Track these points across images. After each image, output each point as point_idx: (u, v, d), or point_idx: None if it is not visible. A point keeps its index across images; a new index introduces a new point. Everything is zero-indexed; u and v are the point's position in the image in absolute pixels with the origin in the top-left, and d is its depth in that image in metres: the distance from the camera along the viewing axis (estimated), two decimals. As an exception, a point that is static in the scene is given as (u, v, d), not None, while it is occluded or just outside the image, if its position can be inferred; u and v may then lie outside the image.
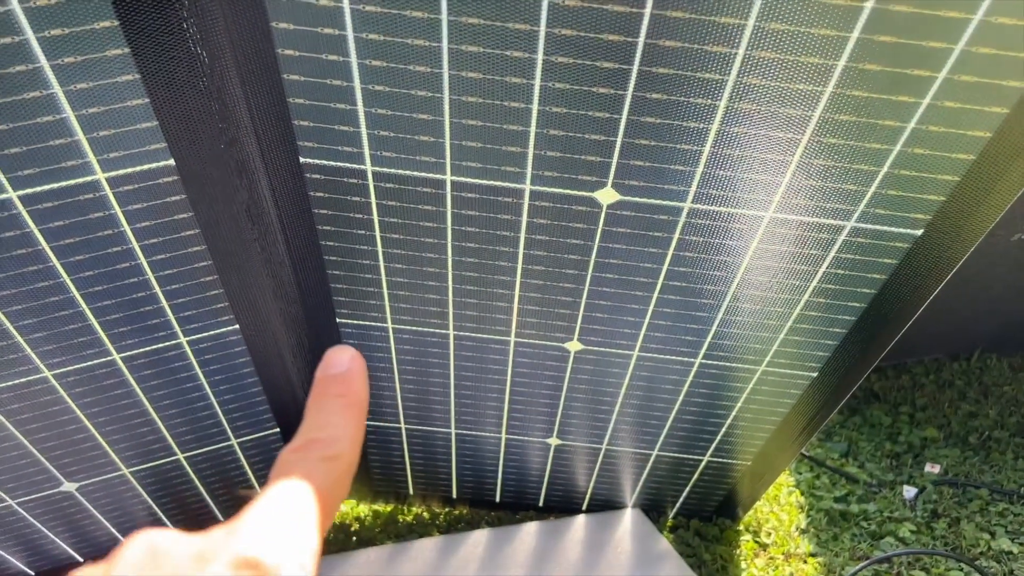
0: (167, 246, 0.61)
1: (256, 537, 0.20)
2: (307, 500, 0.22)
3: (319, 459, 0.23)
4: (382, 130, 0.53)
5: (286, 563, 0.20)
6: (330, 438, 0.24)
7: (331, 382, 0.25)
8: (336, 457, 0.23)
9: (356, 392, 0.25)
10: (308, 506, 0.22)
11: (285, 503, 0.22)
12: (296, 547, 0.21)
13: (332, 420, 0.24)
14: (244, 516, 0.21)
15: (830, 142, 0.50)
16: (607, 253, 0.61)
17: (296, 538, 0.21)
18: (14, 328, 0.62)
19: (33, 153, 0.51)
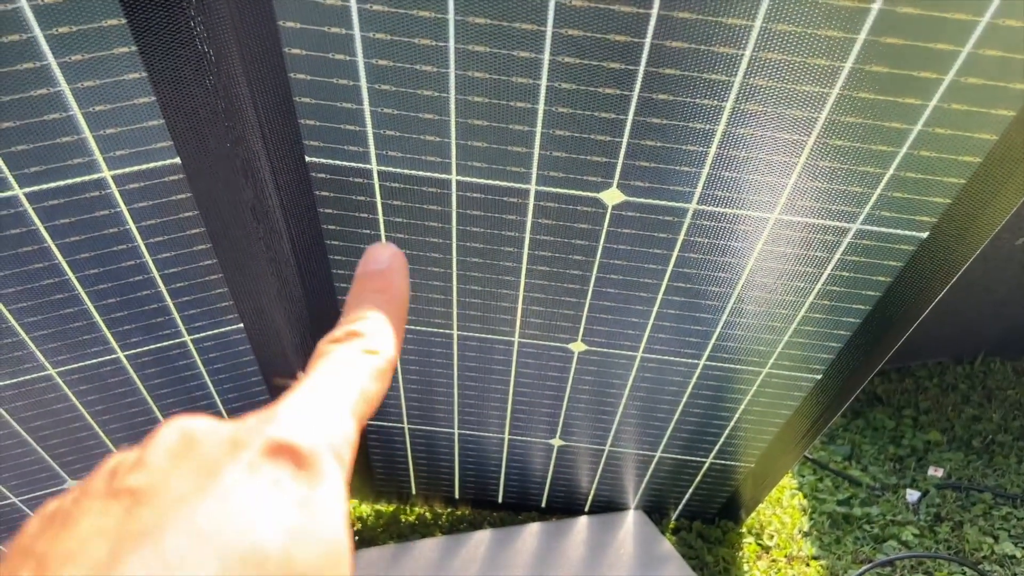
0: (172, 244, 0.61)
1: (291, 423, 0.20)
2: (345, 389, 0.22)
3: (359, 351, 0.23)
4: (388, 129, 0.53)
5: (322, 450, 0.20)
6: (370, 331, 0.23)
7: (371, 277, 0.24)
8: (376, 351, 0.23)
9: (397, 287, 0.24)
10: (346, 395, 0.22)
11: (322, 391, 0.22)
12: (332, 434, 0.21)
13: (372, 315, 0.24)
14: (280, 404, 0.21)
15: (836, 144, 0.50)
16: (612, 254, 0.61)
17: (333, 426, 0.21)
18: (19, 325, 0.62)
19: (40, 151, 0.51)
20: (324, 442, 0.20)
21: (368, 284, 0.26)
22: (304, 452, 0.20)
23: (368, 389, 0.23)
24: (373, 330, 0.24)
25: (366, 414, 0.23)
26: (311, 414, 0.21)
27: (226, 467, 0.19)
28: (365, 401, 0.23)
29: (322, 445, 0.20)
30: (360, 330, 0.24)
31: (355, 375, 0.23)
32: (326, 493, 0.20)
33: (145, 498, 0.18)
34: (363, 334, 0.24)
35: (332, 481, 0.20)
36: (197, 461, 0.19)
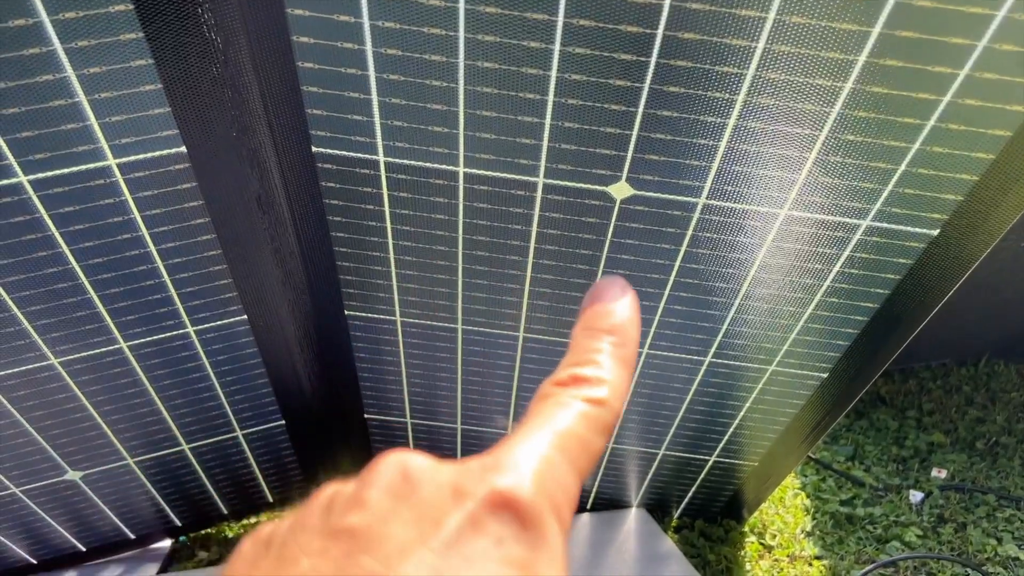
0: (177, 234, 0.60)
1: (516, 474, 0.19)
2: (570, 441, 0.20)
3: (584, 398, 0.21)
4: (396, 120, 0.52)
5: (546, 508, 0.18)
6: (597, 378, 0.21)
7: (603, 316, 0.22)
8: (602, 402, 0.21)
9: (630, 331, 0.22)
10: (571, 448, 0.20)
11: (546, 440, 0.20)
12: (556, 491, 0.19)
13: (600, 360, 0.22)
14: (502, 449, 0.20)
15: (848, 139, 0.49)
16: (619, 249, 0.61)
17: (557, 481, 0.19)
18: (22, 314, 0.61)
19: (45, 137, 0.50)
20: (548, 500, 0.19)
21: (599, 323, 0.24)
22: (529, 510, 0.19)
23: (592, 443, 0.22)
24: (599, 378, 0.23)
25: (587, 471, 0.21)
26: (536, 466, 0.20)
27: (449, 517, 0.18)
28: (588, 456, 0.21)
29: (546, 503, 0.19)
30: (588, 375, 0.23)
31: (581, 427, 0.21)
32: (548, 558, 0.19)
33: (365, 542, 0.18)
34: (591, 381, 0.22)
35: (554, 544, 0.19)
36: (418, 507, 0.19)
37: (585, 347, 0.23)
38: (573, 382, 0.22)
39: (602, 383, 0.22)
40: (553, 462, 0.20)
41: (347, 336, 0.75)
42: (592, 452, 0.21)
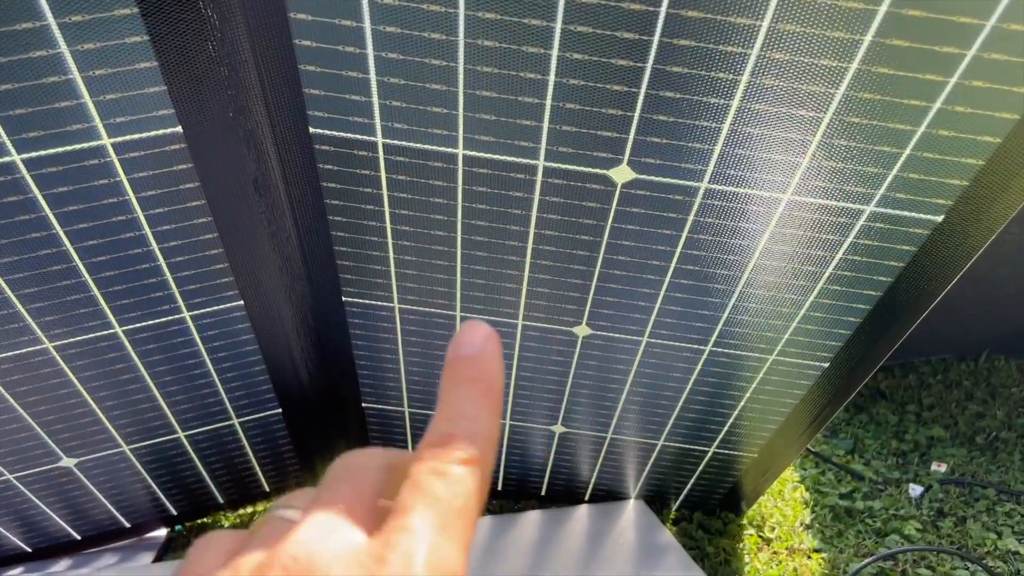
0: (172, 216, 0.60)
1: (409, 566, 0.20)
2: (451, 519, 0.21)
3: (460, 461, 0.22)
4: (394, 100, 0.52)
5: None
6: (468, 434, 0.22)
7: (463, 364, 0.23)
8: (474, 460, 0.22)
9: (491, 376, 0.23)
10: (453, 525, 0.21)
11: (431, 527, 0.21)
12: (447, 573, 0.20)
13: (468, 411, 0.23)
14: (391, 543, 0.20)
15: (853, 121, 0.49)
16: (620, 234, 0.60)
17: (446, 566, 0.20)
18: (15, 297, 0.61)
19: (39, 115, 0.50)
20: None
21: (461, 372, 0.24)
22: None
23: (472, 510, 0.22)
24: (471, 432, 0.23)
25: (471, 531, 0.22)
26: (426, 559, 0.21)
27: None
28: (470, 526, 0.22)
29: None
30: (460, 433, 0.23)
31: (460, 499, 0.22)
32: None
33: None
34: (464, 439, 0.23)
35: None
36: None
37: (454, 400, 0.24)
38: (448, 442, 0.23)
39: (475, 437, 0.23)
40: (440, 548, 0.21)
41: (344, 323, 0.75)
42: (471, 515, 0.22)
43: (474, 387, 0.24)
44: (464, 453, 0.23)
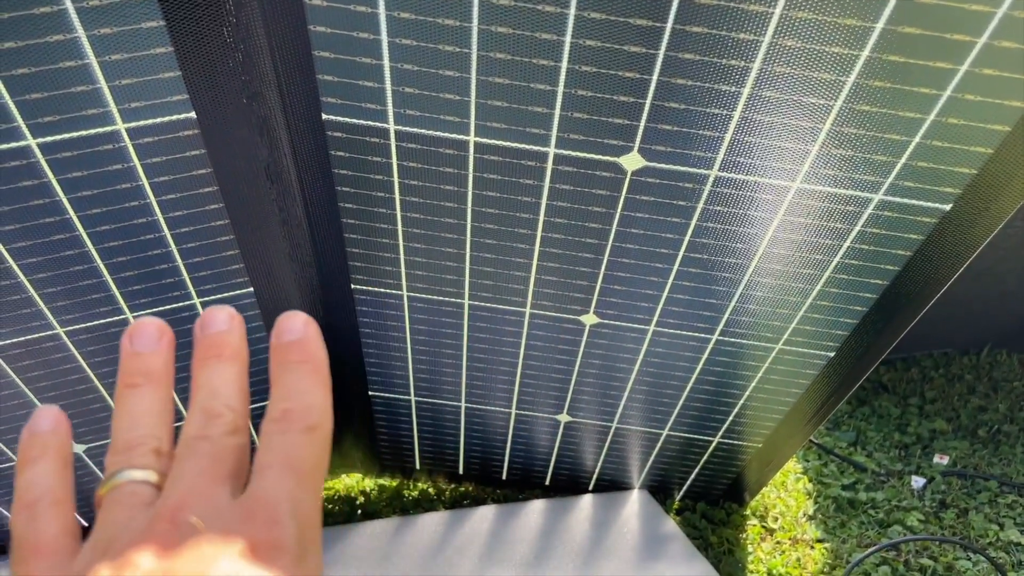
0: (184, 203, 0.60)
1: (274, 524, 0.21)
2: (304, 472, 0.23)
3: (300, 431, 0.23)
4: (407, 87, 0.52)
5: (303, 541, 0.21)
6: (304, 407, 0.24)
7: (289, 348, 0.25)
8: (316, 427, 0.24)
9: (317, 355, 0.25)
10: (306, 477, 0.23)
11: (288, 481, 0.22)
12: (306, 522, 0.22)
13: (301, 387, 0.24)
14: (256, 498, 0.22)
15: (862, 109, 0.49)
16: (629, 222, 0.60)
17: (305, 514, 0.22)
18: (28, 281, 0.61)
19: (54, 100, 0.50)
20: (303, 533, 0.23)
21: (288, 356, 0.27)
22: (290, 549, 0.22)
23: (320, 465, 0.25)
24: (307, 406, 0.25)
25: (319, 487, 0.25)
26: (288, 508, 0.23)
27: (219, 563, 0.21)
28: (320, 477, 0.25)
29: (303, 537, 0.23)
30: (295, 407, 0.25)
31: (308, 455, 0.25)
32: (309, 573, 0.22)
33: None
34: (300, 410, 0.25)
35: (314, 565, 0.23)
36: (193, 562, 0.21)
37: (285, 381, 0.26)
38: (286, 416, 0.25)
39: (312, 409, 0.25)
40: (298, 498, 0.23)
41: (353, 312, 0.75)
42: (321, 472, 0.25)
43: (303, 367, 0.27)
44: (304, 422, 0.25)
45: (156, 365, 0.27)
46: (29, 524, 0.25)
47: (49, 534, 0.25)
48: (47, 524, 0.25)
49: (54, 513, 0.26)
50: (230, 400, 0.25)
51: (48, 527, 0.25)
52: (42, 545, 0.24)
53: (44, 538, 0.25)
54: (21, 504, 0.26)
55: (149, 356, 0.27)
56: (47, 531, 0.25)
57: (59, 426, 0.27)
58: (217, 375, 0.26)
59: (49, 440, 0.27)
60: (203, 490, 0.23)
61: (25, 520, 0.25)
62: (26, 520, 0.25)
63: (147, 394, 0.26)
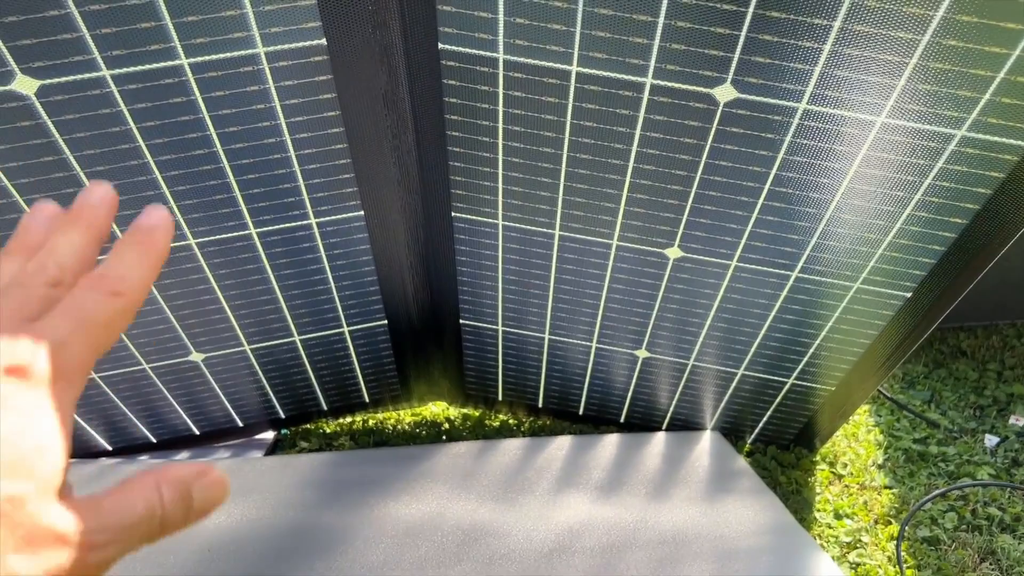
0: (309, 125, 0.66)
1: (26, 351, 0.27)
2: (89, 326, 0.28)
3: (105, 292, 0.29)
4: (518, 17, 0.57)
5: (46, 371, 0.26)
6: (118, 276, 0.29)
7: (136, 230, 0.31)
8: (121, 293, 0.29)
9: (157, 243, 0.30)
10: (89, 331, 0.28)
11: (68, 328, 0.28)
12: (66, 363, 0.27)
13: (125, 261, 0.30)
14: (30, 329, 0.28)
15: (949, 44, 0.52)
16: (718, 154, 0.64)
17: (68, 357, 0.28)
18: (169, 193, 0.68)
19: (207, 23, 0.56)
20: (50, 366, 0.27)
21: (132, 236, 0.31)
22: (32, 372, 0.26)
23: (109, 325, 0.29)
24: (120, 275, 0.30)
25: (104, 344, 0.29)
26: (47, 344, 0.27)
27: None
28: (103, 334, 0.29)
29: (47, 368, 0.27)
30: (110, 274, 0.29)
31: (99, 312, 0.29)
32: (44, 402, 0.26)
33: None
34: (110, 277, 0.29)
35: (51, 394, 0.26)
36: None
37: (117, 253, 0.30)
38: (99, 278, 0.29)
39: (125, 280, 0.29)
40: (63, 341, 0.27)
41: (451, 239, 0.81)
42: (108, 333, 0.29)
43: (138, 247, 0.30)
44: (111, 287, 0.29)
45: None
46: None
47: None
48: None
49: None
50: (64, 260, 0.31)
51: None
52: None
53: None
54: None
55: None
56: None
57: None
58: (65, 238, 0.31)
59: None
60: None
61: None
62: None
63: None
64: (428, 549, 0.78)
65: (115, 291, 0.29)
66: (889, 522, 0.92)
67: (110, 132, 0.62)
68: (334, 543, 0.79)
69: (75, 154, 0.62)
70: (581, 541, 0.80)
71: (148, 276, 0.31)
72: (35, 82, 0.57)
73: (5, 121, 0.59)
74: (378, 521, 0.83)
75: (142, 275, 0.30)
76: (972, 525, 0.91)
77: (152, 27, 0.55)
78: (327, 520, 0.83)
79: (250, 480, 0.91)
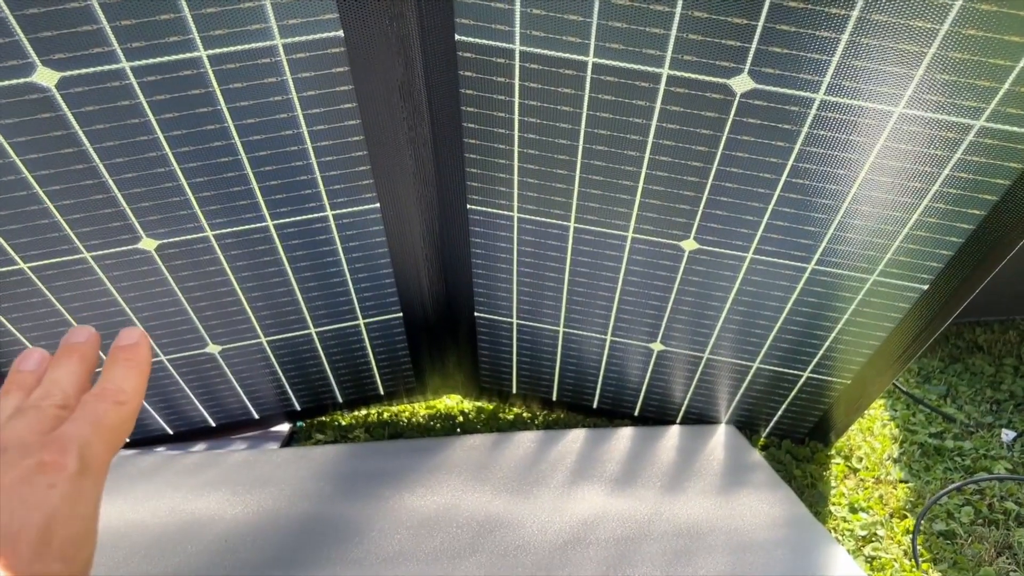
0: (326, 117, 0.66)
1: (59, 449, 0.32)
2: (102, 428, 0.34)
3: (111, 403, 0.35)
4: (535, 8, 0.57)
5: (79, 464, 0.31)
6: (118, 389, 0.36)
7: (121, 351, 0.38)
8: (124, 402, 0.35)
9: (141, 357, 0.38)
10: (104, 431, 0.34)
11: (88, 430, 0.33)
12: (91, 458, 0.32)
13: (121, 375, 0.37)
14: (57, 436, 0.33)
15: (968, 33, 0.52)
16: (735, 146, 0.64)
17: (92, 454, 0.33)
18: (187, 184, 0.69)
19: (225, 14, 0.57)
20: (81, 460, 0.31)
21: (119, 355, 0.37)
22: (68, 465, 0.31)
23: (118, 428, 0.35)
24: (120, 388, 0.36)
25: (116, 444, 0.34)
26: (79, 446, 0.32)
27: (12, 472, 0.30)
28: (117, 435, 0.34)
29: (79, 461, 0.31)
30: (111, 388, 0.36)
31: (109, 418, 0.34)
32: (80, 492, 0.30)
33: None
34: (114, 391, 0.35)
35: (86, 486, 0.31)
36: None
37: (112, 370, 0.36)
38: (103, 390, 0.35)
39: (123, 392, 0.35)
40: (90, 441, 0.32)
41: (467, 231, 0.81)
42: (119, 435, 0.34)
43: (128, 363, 0.37)
44: (116, 398, 0.35)
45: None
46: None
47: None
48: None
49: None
50: (67, 387, 0.36)
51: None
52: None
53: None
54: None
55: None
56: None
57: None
58: (64, 369, 0.37)
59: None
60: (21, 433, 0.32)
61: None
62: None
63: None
64: (443, 540, 0.79)
65: (119, 400, 0.35)
66: (905, 516, 0.92)
67: (129, 124, 0.62)
68: (349, 534, 0.80)
69: (95, 146, 0.63)
70: (595, 533, 0.81)
71: (141, 386, 0.37)
72: (56, 74, 0.57)
73: (26, 113, 0.59)
74: (393, 512, 0.83)
75: (135, 385, 0.36)
76: (989, 519, 0.91)
77: (171, 19, 0.56)
78: (342, 511, 0.83)
79: (266, 472, 0.91)
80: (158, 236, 0.73)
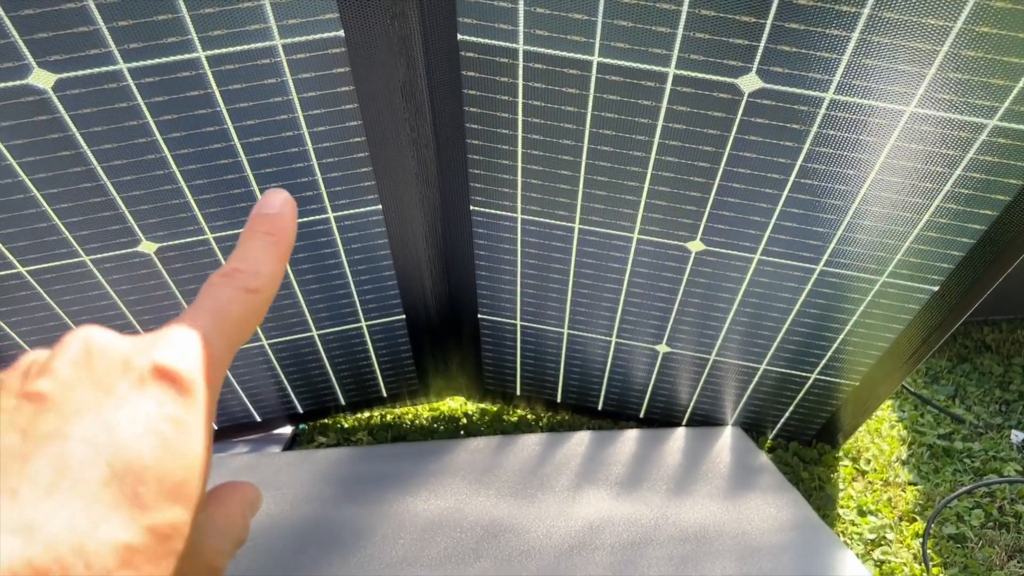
0: (327, 118, 0.66)
1: (174, 351, 0.24)
2: (225, 322, 0.26)
3: (241, 288, 0.27)
4: (538, 7, 0.56)
5: (198, 377, 0.24)
6: (252, 271, 0.28)
7: (262, 220, 0.29)
8: (257, 290, 0.28)
9: (283, 231, 0.29)
10: (225, 327, 0.26)
11: (205, 321, 0.26)
12: (208, 363, 0.25)
13: (257, 254, 0.28)
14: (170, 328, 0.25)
15: (982, 31, 0.50)
16: (742, 146, 0.63)
17: (209, 355, 0.25)
18: (187, 187, 0.68)
19: (224, 15, 0.56)
20: (200, 371, 0.25)
21: (259, 226, 0.30)
22: (184, 378, 0.24)
23: (245, 323, 0.28)
24: (255, 270, 0.29)
25: (239, 342, 0.28)
26: (193, 343, 0.25)
27: (118, 385, 0.24)
28: (240, 333, 0.28)
29: (199, 373, 0.25)
30: (243, 268, 0.28)
31: (236, 309, 0.27)
32: (197, 413, 0.24)
33: (51, 404, 0.23)
34: (247, 272, 0.28)
35: (202, 404, 0.25)
36: (95, 376, 0.24)
37: (246, 245, 0.29)
38: (233, 273, 0.28)
39: (258, 274, 0.28)
40: (208, 340, 0.26)
41: (469, 233, 0.80)
42: (245, 329, 0.28)
43: (267, 238, 0.30)
44: (247, 283, 0.28)
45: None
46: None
47: None
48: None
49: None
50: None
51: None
52: None
53: None
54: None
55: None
56: None
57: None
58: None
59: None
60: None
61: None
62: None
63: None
64: (447, 545, 0.78)
65: (250, 288, 0.28)
66: (914, 519, 0.91)
67: (127, 126, 0.61)
68: (352, 538, 0.79)
69: (93, 148, 0.62)
70: (601, 537, 0.80)
71: (279, 270, 0.30)
72: (52, 76, 0.56)
73: (23, 115, 0.58)
74: (396, 516, 0.82)
75: (273, 269, 0.30)
76: (999, 522, 0.90)
77: (169, 19, 0.55)
78: (345, 515, 0.83)
79: (268, 475, 0.91)
80: (158, 239, 0.72)
